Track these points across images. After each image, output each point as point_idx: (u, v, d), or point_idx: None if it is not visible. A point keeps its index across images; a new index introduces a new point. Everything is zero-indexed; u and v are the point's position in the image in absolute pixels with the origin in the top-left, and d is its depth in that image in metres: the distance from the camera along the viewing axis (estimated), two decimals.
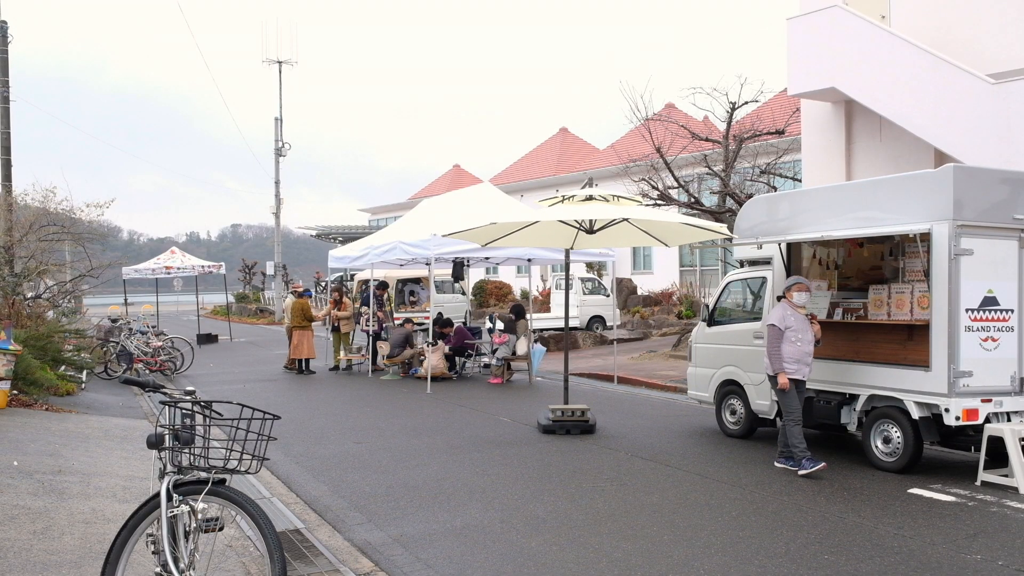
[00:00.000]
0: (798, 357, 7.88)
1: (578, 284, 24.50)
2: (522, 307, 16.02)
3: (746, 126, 19.53)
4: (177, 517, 3.79)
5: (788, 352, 7.87)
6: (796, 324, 7.89)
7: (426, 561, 5.47)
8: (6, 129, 16.28)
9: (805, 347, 7.90)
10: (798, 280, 8.14)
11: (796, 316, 7.92)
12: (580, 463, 8.39)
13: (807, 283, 8.18)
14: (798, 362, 7.89)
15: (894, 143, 14.56)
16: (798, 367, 7.90)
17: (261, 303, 43.92)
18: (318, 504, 6.99)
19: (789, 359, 7.87)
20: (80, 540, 5.52)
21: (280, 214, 38.54)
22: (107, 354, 15.73)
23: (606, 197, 9.93)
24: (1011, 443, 7.19)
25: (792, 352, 7.87)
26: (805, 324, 7.94)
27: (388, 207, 50.30)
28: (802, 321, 7.93)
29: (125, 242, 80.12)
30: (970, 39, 13.51)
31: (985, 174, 7.82)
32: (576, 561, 5.42)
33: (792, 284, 8.10)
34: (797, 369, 7.90)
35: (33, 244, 15.50)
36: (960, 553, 5.51)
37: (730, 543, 5.74)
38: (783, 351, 7.88)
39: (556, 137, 43.32)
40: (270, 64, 39.00)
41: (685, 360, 13.32)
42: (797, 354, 7.88)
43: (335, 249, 18.22)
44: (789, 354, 7.87)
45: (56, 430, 9.27)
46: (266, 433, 3.86)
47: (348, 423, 10.98)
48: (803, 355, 7.90)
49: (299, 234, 69.04)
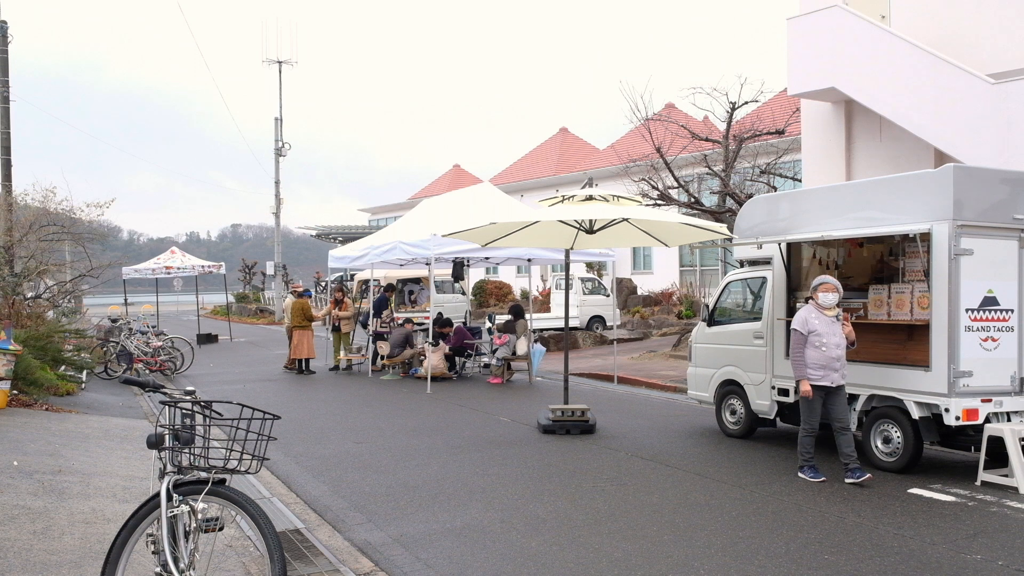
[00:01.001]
0: (824, 363, 7.46)
1: (578, 284, 24.50)
2: (520, 307, 16.02)
3: (746, 126, 19.53)
4: (177, 517, 3.79)
5: (812, 357, 7.48)
6: (821, 327, 7.49)
7: (426, 561, 5.47)
8: (6, 129, 16.27)
9: (832, 352, 7.46)
10: (824, 280, 7.65)
11: (822, 319, 7.52)
12: (580, 463, 8.39)
13: (834, 282, 7.65)
14: (824, 368, 7.47)
15: (894, 143, 14.56)
16: (824, 373, 7.47)
17: (261, 303, 43.91)
18: (318, 504, 6.99)
19: (813, 365, 7.48)
20: (80, 540, 5.52)
21: (280, 214, 38.59)
22: (107, 354, 15.73)
23: (606, 197, 9.93)
24: (1011, 443, 7.19)
25: (816, 357, 7.47)
26: (833, 327, 7.51)
27: (388, 207, 50.31)
28: (829, 324, 7.51)
29: (125, 242, 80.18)
30: (970, 39, 13.51)
31: (985, 174, 7.82)
32: (576, 561, 5.42)
33: (818, 284, 7.65)
34: (823, 375, 7.48)
35: (33, 244, 15.49)
36: (960, 553, 5.51)
37: (730, 543, 5.74)
38: (807, 356, 7.51)
39: (556, 137, 43.31)
40: (270, 64, 39.11)
41: (685, 360, 13.33)
42: (822, 359, 7.46)
43: (335, 249, 18.22)
44: (813, 359, 7.48)
45: (56, 430, 9.27)
46: (266, 433, 3.86)
47: (348, 423, 10.98)
48: (829, 360, 7.45)
49: (299, 234, 69.07)
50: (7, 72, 16.25)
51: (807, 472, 7.55)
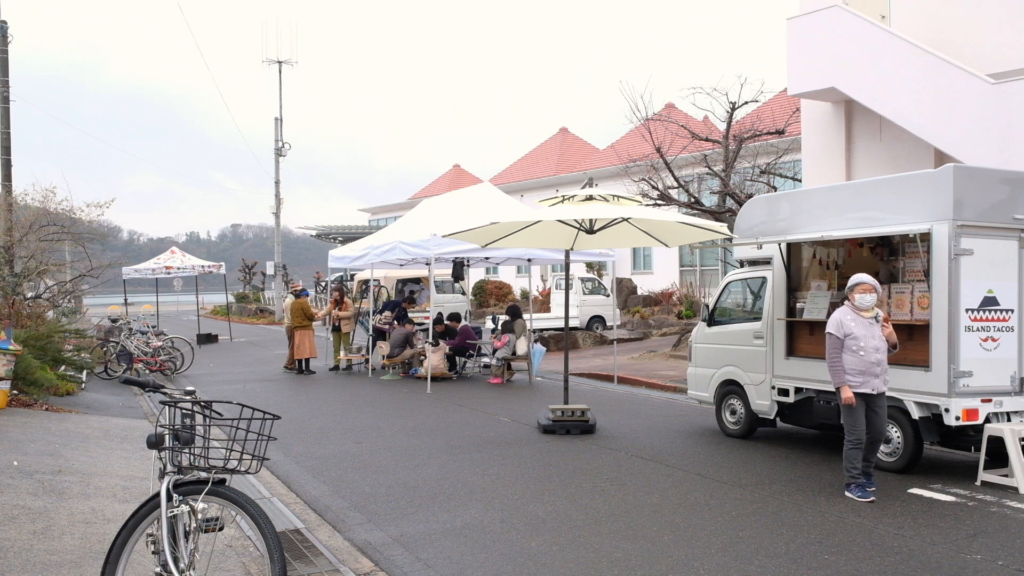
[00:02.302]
0: (862, 368, 6.94)
1: (578, 284, 24.51)
2: (518, 307, 16.03)
3: (746, 126, 19.53)
4: (177, 517, 3.79)
5: (850, 363, 6.96)
6: (858, 330, 6.97)
7: (426, 561, 5.47)
8: (6, 129, 16.27)
9: (871, 356, 6.93)
10: (861, 280, 7.11)
11: (858, 321, 7.00)
12: (580, 463, 8.39)
13: (872, 282, 7.09)
14: (863, 373, 6.94)
15: (894, 143, 14.56)
16: (864, 379, 6.95)
17: (261, 303, 43.92)
18: (318, 504, 6.99)
19: (852, 371, 6.96)
20: (80, 540, 5.51)
21: (280, 214, 38.58)
22: (107, 354, 15.73)
23: (606, 197, 9.93)
24: (1011, 443, 7.19)
25: (854, 363, 6.95)
26: (871, 329, 6.99)
27: (388, 207, 50.32)
28: (866, 326, 6.99)
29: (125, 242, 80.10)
30: (970, 39, 13.51)
31: (985, 174, 7.82)
32: (576, 561, 5.42)
33: (855, 284, 7.10)
34: (863, 382, 6.95)
35: (33, 244, 15.49)
36: (960, 553, 5.51)
37: (730, 543, 5.74)
38: (844, 362, 6.99)
39: (556, 137, 43.32)
40: (270, 64, 39.10)
41: (685, 360, 13.33)
42: (860, 364, 6.94)
43: (335, 249, 18.22)
44: (851, 365, 6.96)
45: (56, 430, 9.27)
46: (266, 433, 3.86)
47: (348, 423, 10.98)
48: (868, 365, 6.93)
49: (299, 234, 69.04)
50: (7, 72, 16.25)
51: (855, 491, 6.88)
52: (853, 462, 6.94)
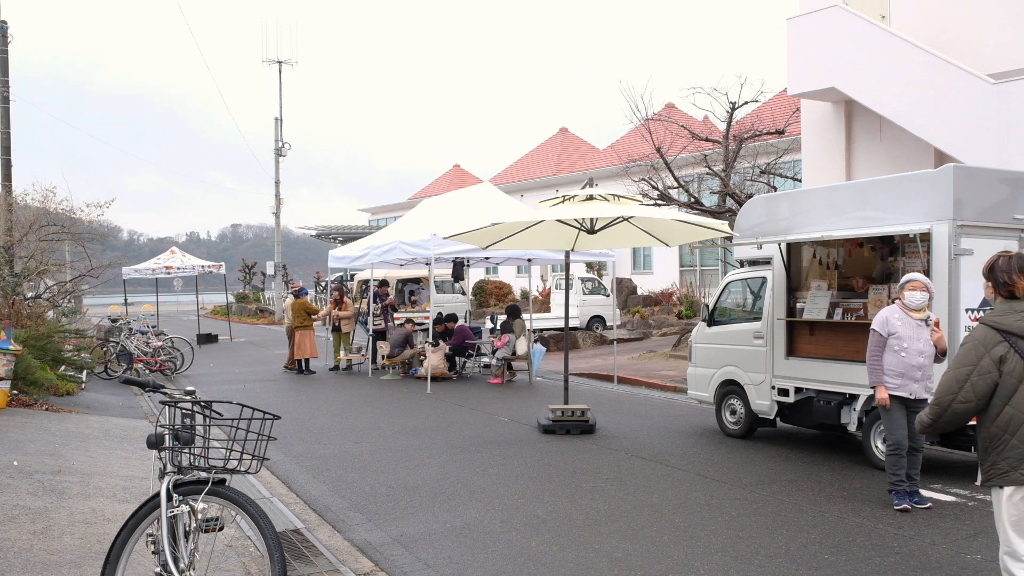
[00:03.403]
0: (902, 370, 6.61)
1: (578, 284, 24.51)
2: (517, 307, 16.03)
3: (746, 126, 19.53)
4: (177, 517, 3.79)
5: (890, 363, 6.65)
6: (904, 331, 6.63)
7: (426, 561, 5.47)
8: (6, 129, 16.27)
9: (912, 359, 6.59)
10: (913, 277, 6.77)
11: (906, 321, 6.66)
12: (580, 463, 8.39)
13: (924, 280, 6.74)
14: (902, 376, 6.62)
15: (894, 143, 14.56)
16: (902, 382, 6.62)
17: (261, 303, 43.93)
18: (318, 504, 6.99)
19: (890, 372, 6.65)
20: (80, 540, 5.52)
21: (280, 214, 38.58)
22: (107, 354, 15.73)
23: (606, 197, 9.92)
24: None
25: (894, 364, 6.63)
26: (918, 331, 6.63)
27: (388, 207, 50.30)
28: (914, 327, 6.64)
29: (125, 242, 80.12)
30: (970, 39, 13.51)
31: (985, 174, 7.82)
32: (576, 561, 5.42)
33: (906, 282, 6.76)
34: (900, 385, 6.63)
35: (33, 244, 15.50)
36: (960, 553, 5.51)
37: (730, 543, 5.74)
38: (884, 361, 6.69)
39: (556, 137, 43.31)
40: (270, 64, 39.11)
41: (685, 360, 13.32)
42: (900, 366, 6.61)
43: (335, 249, 18.23)
44: (891, 365, 6.64)
45: (56, 430, 9.27)
46: (266, 433, 3.86)
47: (348, 423, 10.98)
48: (908, 368, 6.60)
49: (299, 234, 69.07)
50: (7, 72, 16.25)
51: (897, 498, 6.58)
52: (893, 468, 6.65)
